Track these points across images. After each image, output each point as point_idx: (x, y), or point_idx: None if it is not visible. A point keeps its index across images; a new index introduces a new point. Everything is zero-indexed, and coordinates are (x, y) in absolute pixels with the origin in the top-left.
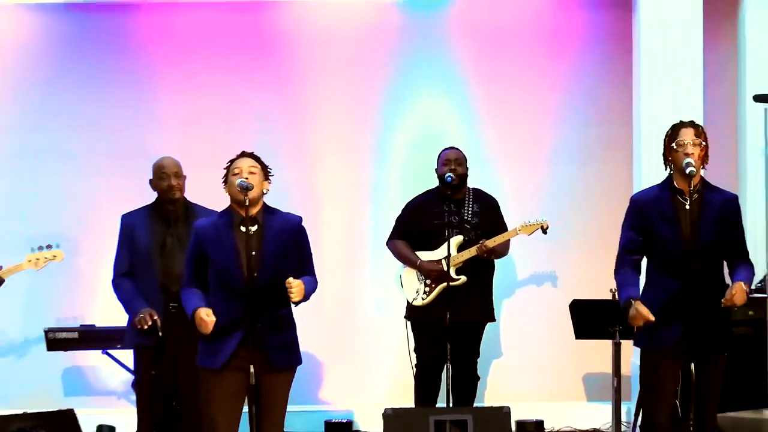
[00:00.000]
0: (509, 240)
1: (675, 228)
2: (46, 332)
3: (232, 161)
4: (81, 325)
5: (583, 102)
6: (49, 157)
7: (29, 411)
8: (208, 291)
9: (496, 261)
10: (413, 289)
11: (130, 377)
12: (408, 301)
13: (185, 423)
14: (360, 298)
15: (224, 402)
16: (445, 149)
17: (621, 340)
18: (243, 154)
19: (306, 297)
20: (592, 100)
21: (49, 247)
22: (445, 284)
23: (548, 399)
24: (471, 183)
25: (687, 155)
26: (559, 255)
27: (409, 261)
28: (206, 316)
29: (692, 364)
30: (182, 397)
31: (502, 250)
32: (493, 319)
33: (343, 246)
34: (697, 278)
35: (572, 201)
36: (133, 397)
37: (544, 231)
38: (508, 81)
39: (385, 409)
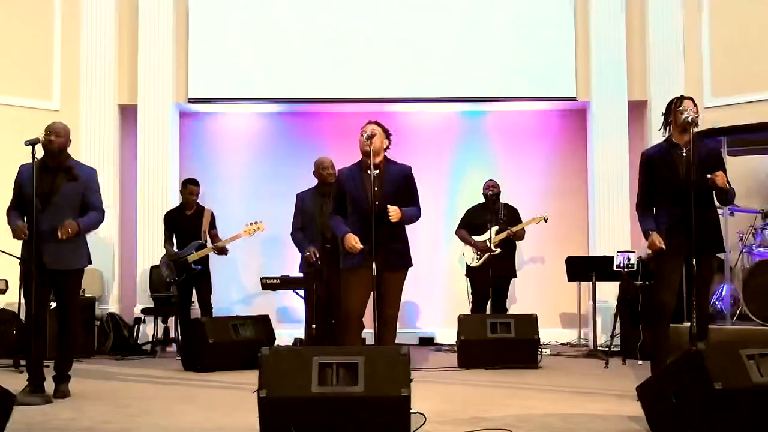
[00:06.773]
0: (524, 228)
1: (674, 170)
2: (261, 279)
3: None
4: (281, 275)
5: (553, 165)
6: (269, 182)
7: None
8: (346, 216)
9: (518, 242)
10: (470, 257)
11: None
12: (467, 264)
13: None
14: (439, 263)
15: (358, 290)
16: (486, 181)
17: (597, 282)
18: (369, 122)
19: (406, 220)
20: (559, 163)
21: (255, 222)
22: (488, 254)
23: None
24: (503, 200)
25: (687, 112)
26: (551, 235)
27: (467, 241)
28: (356, 243)
29: (693, 261)
30: (333, 306)
31: (521, 234)
32: (515, 276)
33: (431, 237)
34: (693, 203)
35: (553, 211)
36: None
37: (545, 221)
38: (517, 155)
39: (459, 315)
